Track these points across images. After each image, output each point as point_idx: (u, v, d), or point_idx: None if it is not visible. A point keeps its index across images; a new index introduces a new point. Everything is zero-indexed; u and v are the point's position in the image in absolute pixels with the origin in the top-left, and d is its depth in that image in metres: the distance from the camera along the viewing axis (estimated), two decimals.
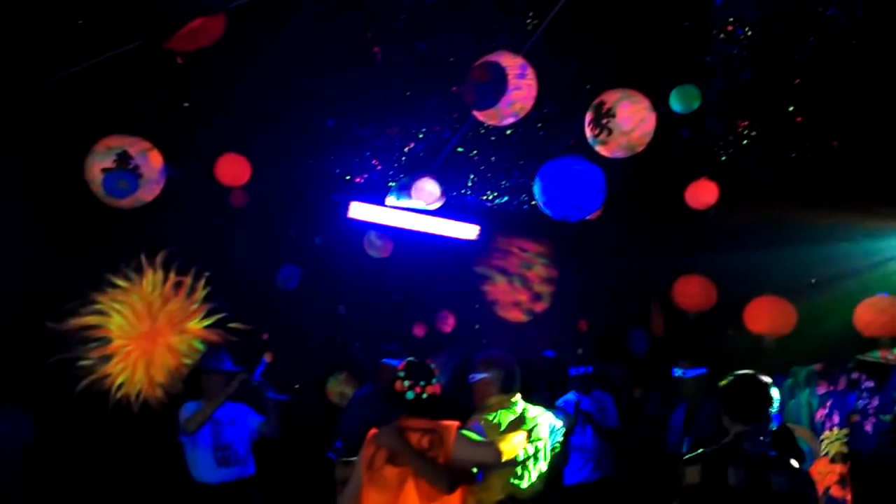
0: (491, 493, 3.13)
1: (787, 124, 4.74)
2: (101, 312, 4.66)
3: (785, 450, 4.67)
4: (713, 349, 5.90)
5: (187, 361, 4.82)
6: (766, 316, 5.07)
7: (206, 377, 4.42)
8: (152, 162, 4.09)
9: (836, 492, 4.59)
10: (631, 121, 3.59)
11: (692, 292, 5.61)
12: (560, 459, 3.56)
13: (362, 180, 5.68)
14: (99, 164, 3.96)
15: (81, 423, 4.57)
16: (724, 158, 5.14)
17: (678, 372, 5.02)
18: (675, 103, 3.99)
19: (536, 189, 4.02)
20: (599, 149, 3.75)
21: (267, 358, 4.58)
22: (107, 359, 4.66)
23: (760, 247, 5.62)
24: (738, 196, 5.11)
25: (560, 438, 3.51)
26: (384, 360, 4.62)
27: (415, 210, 5.61)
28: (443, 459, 3.06)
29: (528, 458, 3.24)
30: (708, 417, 4.83)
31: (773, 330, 5.11)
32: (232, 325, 4.96)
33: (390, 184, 5.53)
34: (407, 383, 3.22)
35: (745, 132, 4.90)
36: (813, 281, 6.04)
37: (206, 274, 5.00)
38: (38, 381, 4.37)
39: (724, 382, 2.99)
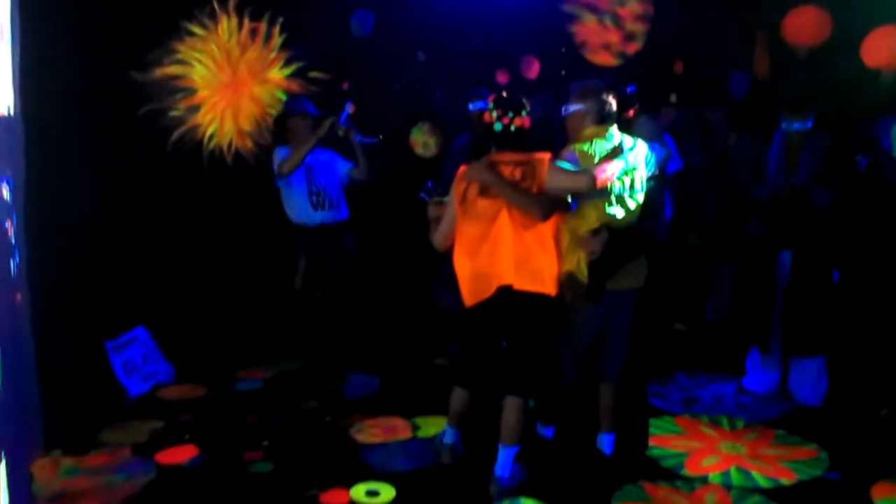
0: (585, 221, 3.10)
1: None
2: (182, 62, 4.67)
3: None
4: (822, 87, 5.46)
5: (271, 111, 4.87)
6: (887, 46, 4.58)
7: (293, 122, 4.41)
8: None
9: None
10: None
11: (805, 24, 5.07)
12: (655, 191, 3.45)
13: None
14: None
15: (178, 177, 4.73)
16: None
17: (785, 125, 4.73)
18: None
19: None
20: None
21: (350, 106, 4.50)
22: (195, 109, 4.75)
23: None
24: None
25: (656, 171, 3.39)
26: (471, 104, 4.45)
27: None
28: (536, 189, 3.03)
29: (624, 187, 3.16)
30: (818, 156, 4.56)
31: (893, 62, 4.64)
32: (312, 74, 4.90)
33: None
34: (495, 114, 3.12)
35: None
36: None
37: (280, 19, 4.84)
38: (133, 134, 4.47)
39: None
